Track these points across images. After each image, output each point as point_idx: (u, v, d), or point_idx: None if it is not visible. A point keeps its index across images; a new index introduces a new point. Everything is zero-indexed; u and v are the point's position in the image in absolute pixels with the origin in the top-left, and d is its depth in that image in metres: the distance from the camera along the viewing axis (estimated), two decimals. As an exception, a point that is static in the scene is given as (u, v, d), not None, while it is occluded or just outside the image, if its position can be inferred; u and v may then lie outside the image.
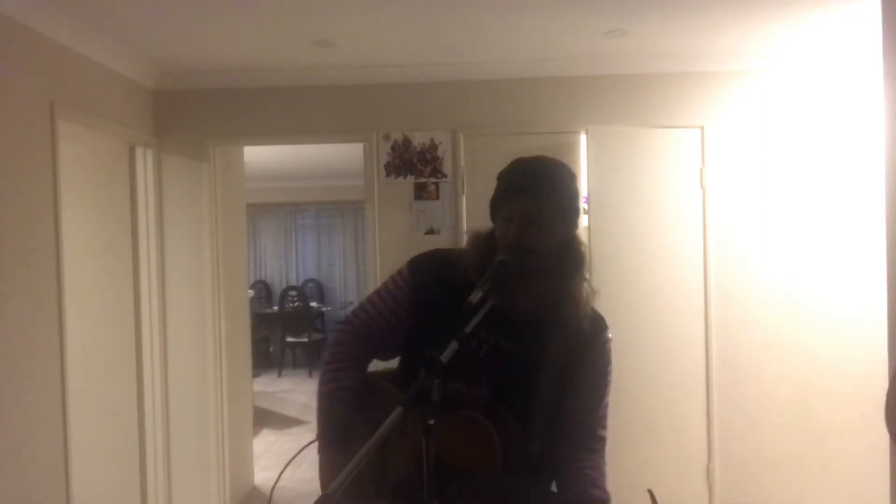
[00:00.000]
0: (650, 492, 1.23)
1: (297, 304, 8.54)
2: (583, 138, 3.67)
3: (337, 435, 1.54)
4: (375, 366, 1.69)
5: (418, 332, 1.53)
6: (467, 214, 3.70)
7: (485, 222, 1.58)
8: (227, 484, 3.99)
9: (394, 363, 1.68)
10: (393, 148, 3.77)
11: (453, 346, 1.25)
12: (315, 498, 1.03)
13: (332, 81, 3.79)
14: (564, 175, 1.50)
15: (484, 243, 1.53)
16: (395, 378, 1.62)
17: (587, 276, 1.54)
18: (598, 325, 1.54)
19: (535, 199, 1.44)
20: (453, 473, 1.37)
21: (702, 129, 3.69)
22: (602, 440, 1.55)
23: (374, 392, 1.59)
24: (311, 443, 1.54)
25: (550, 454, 1.52)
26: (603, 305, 1.60)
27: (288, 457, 5.24)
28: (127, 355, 3.60)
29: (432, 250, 1.67)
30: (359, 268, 9.88)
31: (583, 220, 1.58)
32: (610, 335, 1.56)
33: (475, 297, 1.32)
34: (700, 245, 3.68)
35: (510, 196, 1.48)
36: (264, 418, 6.31)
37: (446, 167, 3.75)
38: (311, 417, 6.43)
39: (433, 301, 1.51)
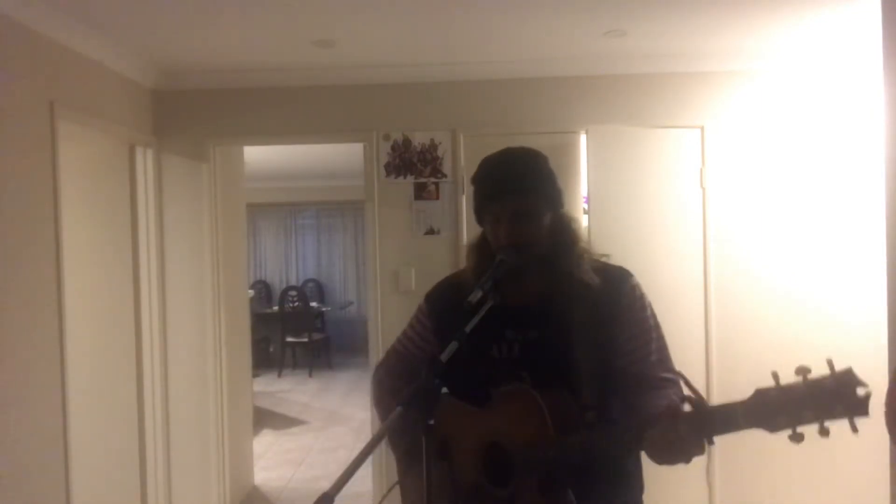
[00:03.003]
0: (829, 361, 1.10)
1: (297, 304, 8.55)
2: (583, 138, 3.67)
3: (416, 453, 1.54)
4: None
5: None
6: (467, 214, 3.70)
7: (475, 236, 1.61)
8: (227, 484, 3.99)
9: None
10: (393, 148, 3.77)
11: (453, 345, 1.25)
12: (315, 498, 1.03)
13: (332, 81, 3.79)
14: (535, 161, 1.51)
15: (478, 250, 1.55)
16: None
17: (586, 247, 1.54)
18: (616, 277, 1.52)
19: (516, 195, 1.46)
20: (511, 459, 1.37)
21: (702, 129, 3.69)
22: (668, 381, 1.45)
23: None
24: (394, 485, 1.56)
25: (610, 411, 1.47)
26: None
27: (288, 457, 5.25)
28: (127, 355, 3.59)
29: (444, 277, 1.72)
30: (359, 268, 9.88)
31: (567, 200, 1.59)
32: (634, 282, 1.52)
33: (475, 296, 1.33)
34: (700, 245, 3.68)
35: (491, 198, 1.49)
36: (264, 418, 6.32)
37: (446, 167, 3.75)
38: (311, 417, 6.44)
39: (452, 324, 1.52)
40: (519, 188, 1.46)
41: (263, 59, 3.60)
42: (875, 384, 1.14)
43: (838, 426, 1.09)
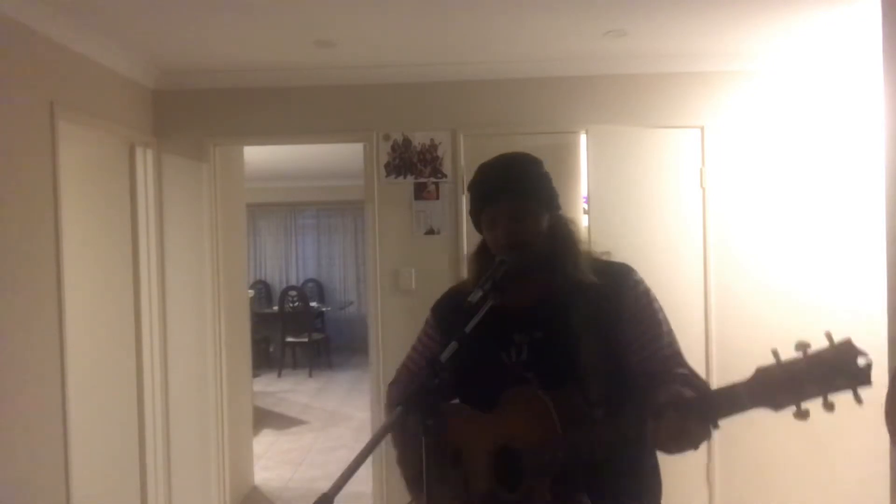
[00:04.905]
0: (828, 334, 1.11)
1: (297, 304, 8.54)
2: (583, 138, 3.67)
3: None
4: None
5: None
6: (467, 214, 3.70)
7: (475, 247, 1.62)
8: (227, 484, 3.99)
9: None
10: (393, 148, 3.78)
11: (452, 345, 1.25)
12: (315, 498, 1.03)
13: (332, 81, 3.79)
14: (529, 165, 1.54)
15: (478, 258, 1.57)
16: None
17: (586, 247, 1.55)
18: (619, 273, 1.52)
19: (511, 196, 1.48)
20: (521, 462, 1.37)
21: (702, 129, 3.69)
22: (682, 377, 1.42)
23: (450, 414, 1.56)
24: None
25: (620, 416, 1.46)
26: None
27: (288, 457, 5.25)
28: (127, 355, 3.60)
29: (448, 289, 1.72)
30: (359, 268, 9.89)
31: (564, 202, 1.61)
32: (638, 277, 1.52)
33: (475, 296, 1.33)
34: (700, 245, 3.68)
35: (486, 202, 1.51)
36: (264, 418, 6.32)
37: (446, 167, 3.75)
38: (311, 417, 6.45)
39: (457, 333, 1.52)
40: (513, 190, 1.48)
41: (263, 59, 3.60)
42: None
43: (841, 416, 1.09)
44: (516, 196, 1.48)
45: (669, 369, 1.44)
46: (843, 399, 3.68)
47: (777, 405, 1.10)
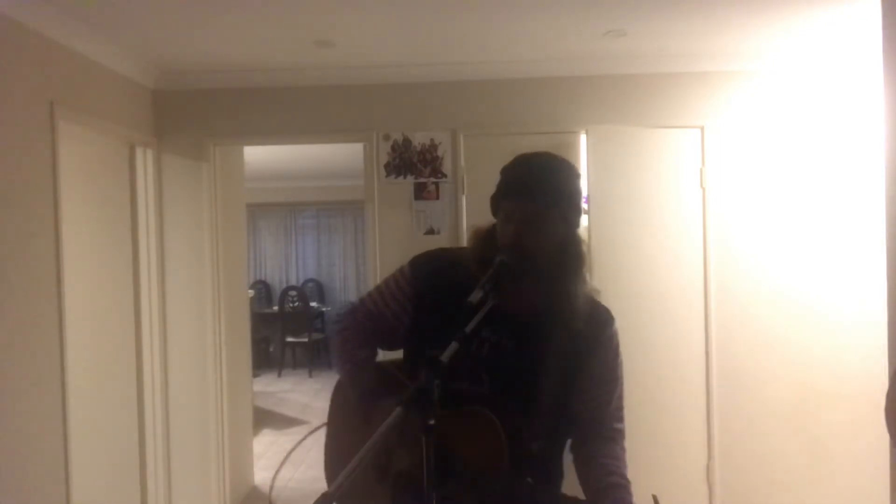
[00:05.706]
0: (654, 497, 1.23)
1: (297, 304, 8.55)
2: (583, 138, 3.67)
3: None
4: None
5: (419, 327, 1.55)
6: (467, 214, 3.70)
7: (484, 222, 1.58)
8: (227, 484, 3.99)
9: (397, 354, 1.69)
10: (393, 148, 3.77)
11: (453, 346, 1.25)
12: (315, 498, 1.03)
13: (332, 81, 3.79)
14: (567, 175, 1.49)
15: (484, 239, 1.53)
16: (402, 369, 1.62)
17: (586, 275, 1.53)
18: (602, 320, 1.53)
19: (535, 201, 1.43)
20: (457, 467, 1.36)
21: (702, 129, 3.69)
22: (619, 432, 1.54)
23: (386, 376, 1.59)
24: (320, 426, 1.54)
25: (556, 454, 1.52)
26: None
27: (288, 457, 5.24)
28: (127, 355, 3.60)
29: (435, 249, 1.68)
30: (359, 268, 9.87)
31: (583, 220, 1.58)
32: (616, 328, 1.55)
33: (475, 297, 1.32)
34: (700, 245, 3.68)
35: (510, 196, 1.47)
36: (264, 418, 6.32)
37: (446, 167, 3.75)
38: (312, 417, 6.44)
39: (433, 296, 1.52)
40: (537, 195, 1.43)
41: (263, 59, 3.60)
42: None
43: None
44: (535, 202, 1.43)
45: (610, 423, 1.53)
46: (843, 399, 3.70)
47: None
